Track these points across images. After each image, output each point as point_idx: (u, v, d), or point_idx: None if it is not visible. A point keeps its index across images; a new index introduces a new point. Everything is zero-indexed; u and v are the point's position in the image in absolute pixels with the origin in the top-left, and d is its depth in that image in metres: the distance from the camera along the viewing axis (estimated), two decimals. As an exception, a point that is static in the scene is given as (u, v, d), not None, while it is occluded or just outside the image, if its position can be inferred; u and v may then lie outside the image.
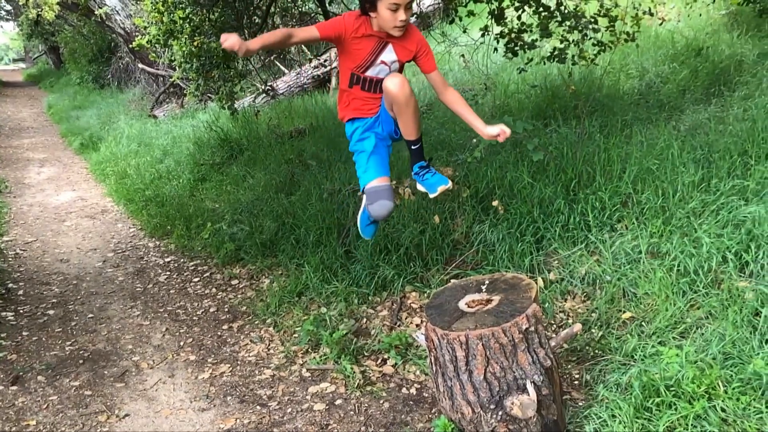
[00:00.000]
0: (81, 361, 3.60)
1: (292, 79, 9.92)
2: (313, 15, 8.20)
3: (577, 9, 4.60)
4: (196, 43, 5.38)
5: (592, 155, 3.95)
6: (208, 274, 4.89)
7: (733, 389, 2.26)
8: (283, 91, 9.61)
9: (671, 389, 2.32)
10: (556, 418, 2.37)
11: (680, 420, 2.22)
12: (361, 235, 2.92)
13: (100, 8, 11.16)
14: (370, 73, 2.52)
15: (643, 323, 2.91)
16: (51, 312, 4.33)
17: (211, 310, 4.25)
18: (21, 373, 3.44)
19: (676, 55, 5.57)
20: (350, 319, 3.66)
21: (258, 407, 3.05)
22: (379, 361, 3.31)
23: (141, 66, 12.48)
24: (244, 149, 7.14)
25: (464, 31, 5.68)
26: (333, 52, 9.42)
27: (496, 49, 5.11)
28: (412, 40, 2.51)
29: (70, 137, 11.32)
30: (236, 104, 6.69)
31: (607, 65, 5.26)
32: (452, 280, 3.03)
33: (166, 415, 3.04)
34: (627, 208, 3.53)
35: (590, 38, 4.66)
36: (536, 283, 2.91)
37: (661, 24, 5.99)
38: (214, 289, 4.58)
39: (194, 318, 4.15)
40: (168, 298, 4.52)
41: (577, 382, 2.79)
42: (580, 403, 2.62)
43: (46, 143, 11.45)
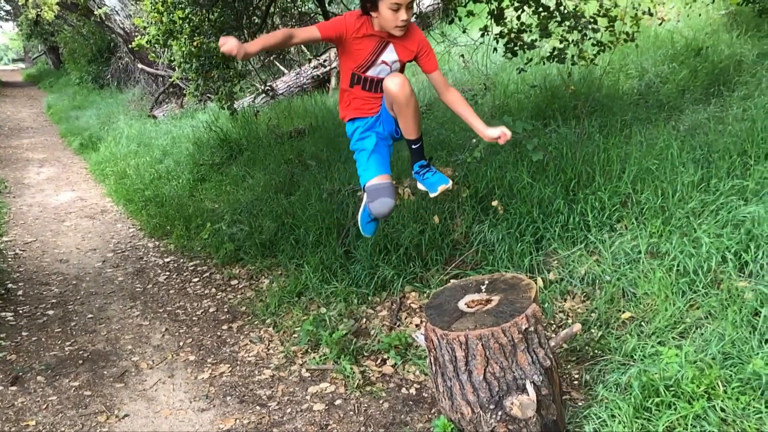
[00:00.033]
0: (80, 362, 3.60)
1: (291, 79, 9.92)
2: (312, 15, 8.20)
3: (577, 9, 4.60)
4: (195, 44, 5.39)
5: (592, 155, 3.95)
6: (207, 274, 4.89)
7: (733, 389, 2.26)
8: (283, 92, 9.61)
9: (671, 389, 2.32)
10: (556, 418, 2.37)
11: (680, 420, 2.22)
12: (362, 232, 2.92)
13: (100, 8, 11.17)
14: (371, 73, 2.51)
15: (642, 323, 2.91)
16: (50, 312, 4.33)
17: (211, 310, 4.25)
18: (20, 374, 3.44)
19: (675, 55, 5.57)
20: (350, 320, 3.66)
21: (257, 407, 3.05)
22: (379, 361, 3.31)
23: (140, 66, 12.48)
24: (243, 149, 7.14)
25: (464, 31, 5.68)
26: (333, 52, 9.42)
27: (495, 49, 5.12)
28: (413, 40, 2.50)
29: (70, 137, 11.32)
30: (236, 104, 6.70)
31: (606, 65, 5.27)
32: (452, 280, 3.03)
33: (165, 416, 3.04)
34: (626, 208, 3.53)
35: (590, 38, 4.67)
36: (536, 283, 2.91)
37: (660, 24, 5.99)
38: (213, 290, 4.58)
39: (194, 318, 4.15)
40: (167, 299, 4.52)
41: (576, 382, 2.79)
42: (580, 403, 2.62)
43: (45, 143, 11.44)
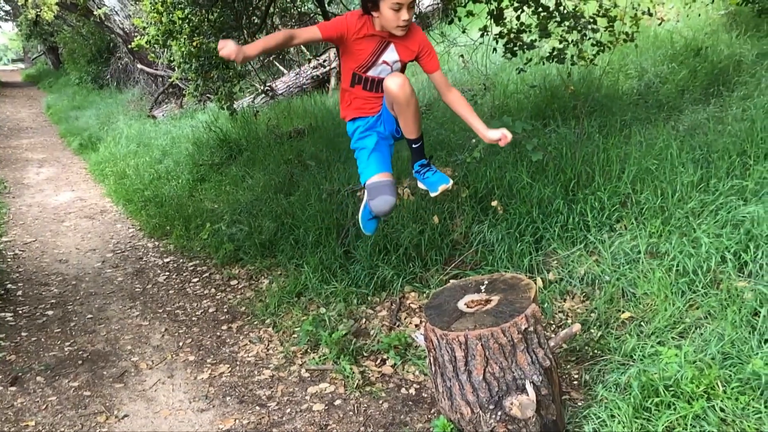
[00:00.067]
0: (80, 362, 3.59)
1: (291, 79, 9.92)
2: (312, 15, 8.20)
3: (576, 9, 4.60)
4: (195, 44, 5.38)
5: (591, 155, 3.95)
6: (207, 274, 4.89)
7: (732, 389, 2.26)
8: (282, 92, 9.62)
9: (670, 389, 2.33)
10: (555, 418, 2.37)
11: (679, 420, 2.22)
12: (362, 230, 2.91)
13: (99, 8, 11.16)
14: (372, 73, 2.51)
15: (642, 323, 2.91)
16: (50, 312, 4.32)
17: (210, 310, 4.25)
18: (20, 374, 3.44)
19: (675, 56, 5.57)
20: (349, 320, 3.66)
21: (257, 407, 3.05)
22: (379, 361, 3.31)
23: (140, 66, 12.48)
24: (243, 149, 7.14)
25: (463, 32, 5.68)
26: (332, 52, 9.42)
27: (495, 50, 5.12)
28: (414, 40, 2.49)
29: (69, 137, 11.32)
30: (235, 105, 6.69)
31: (606, 65, 5.27)
32: (451, 281, 3.03)
33: (165, 416, 3.04)
34: (626, 208, 3.53)
35: (589, 38, 4.67)
36: (535, 283, 2.91)
37: (660, 24, 6.00)
38: (213, 290, 4.58)
39: (193, 318, 4.15)
40: (167, 299, 4.52)
41: (576, 382, 2.79)
42: (579, 403, 2.62)
43: (45, 143, 11.44)
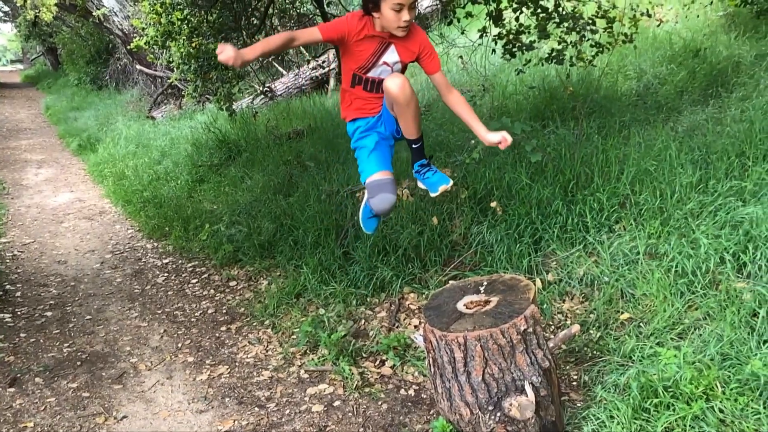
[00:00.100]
0: (79, 363, 3.59)
1: (290, 80, 9.92)
2: (311, 16, 8.21)
3: (575, 10, 4.60)
4: (194, 45, 5.39)
5: (590, 156, 3.95)
6: (206, 275, 4.89)
7: (731, 390, 2.26)
8: (282, 93, 9.62)
9: (669, 390, 2.33)
10: (555, 419, 2.37)
11: (678, 421, 2.22)
12: (363, 229, 2.90)
13: (98, 9, 11.16)
14: (372, 74, 2.51)
15: (641, 324, 2.91)
16: (49, 313, 4.32)
17: (209, 311, 4.24)
18: (18, 375, 3.43)
19: (673, 57, 5.58)
20: (348, 321, 3.66)
21: (256, 409, 3.05)
22: (378, 362, 3.30)
23: (139, 67, 12.47)
24: (242, 150, 7.14)
25: (462, 33, 5.69)
26: (331, 53, 9.43)
27: (494, 51, 5.12)
28: (414, 41, 2.49)
29: (68, 138, 11.31)
30: (234, 105, 6.70)
31: (605, 66, 5.27)
32: (450, 282, 3.03)
33: (164, 417, 3.04)
34: (625, 209, 3.54)
35: (588, 39, 4.67)
36: (534, 284, 2.92)
37: (658, 25, 6.00)
38: (212, 291, 4.57)
39: (192, 319, 4.15)
40: (166, 300, 4.51)
41: (575, 383, 2.79)
42: (579, 404, 2.62)
43: (43, 144, 11.43)
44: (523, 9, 4.65)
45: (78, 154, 10.23)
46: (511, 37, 4.78)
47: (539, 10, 4.58)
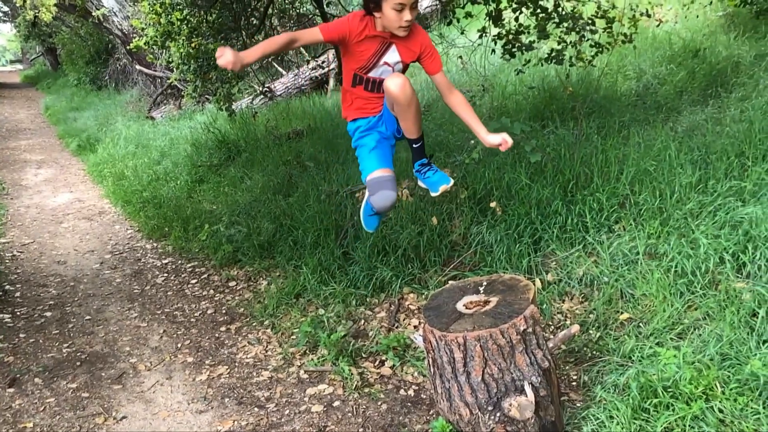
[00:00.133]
0: (78, 363, 3.59)
1: (289, 80, 9.92)
2: (310, 17, 8.20)
3: (575, 10, 4.60)
4: (193, 45, 5.39)
5: (590, 156, 3.95)
6: (205, 275, 4.89)
7: (731, 390, 2.26)
8: (281, 93, 9.62)
9: (669, 390, 2.33)
10: (554, 419, 2.37)
11: (678, 421, 2.22)
12: (364, 227, 2.90)
13: (98, 10, 11.15)
14: (373, 74, 2.50)
15: (640, 324, 2.91)
16: (48, 314, 4.32)
17: (209, 311, 4.24)
18: (18, 375, 3.43)
19: (673, 57, 5.58)
20: (348, 321, 3.66)
21: (256, 409, 3.05)
22: (377, 362, 3.30)
23: (138, 67, 12.47)
24: (241, 151, 7.14)
25: (462, 33, 5.69)
26: (331, 54, 9.43)
27: (493, 51, 5.12)
28: (416, 41, 2.48)
29: (68, 139, 11.31)
30: (234, 106, 6.70)
31: (604, 67, 5.27)
32: (450, 282, 3.03)
33: (163, 417, 3.04)
34: (624, 210, 3.54)
35: (588, 40, 4.67)
36: (534, 284, 2.92)
37: (658, 25, 6.01)
38: (211, 291, 4.57)
39: (192, 320, 4.15)
40: (165, 300, 4.51)
41: (575, 383, 2.79)
42: (578, 404, 2.62)
43: (43, 145, 11.43)
44: (523, 9, 4.65)
45: (77, 155, 10.23)
46: (510, 37, 4.78)
47: (539, 10, 4.58)
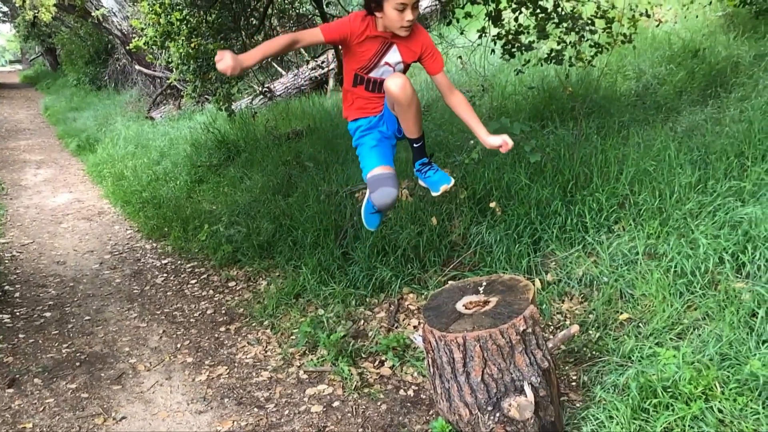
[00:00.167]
0: (77, 364, 3.59)
1: (289, 80, 9.92)
2: (310, 16, 8.20)
3: (574, 11, 4.60)
4: (193, 45, 5.38)
5: (589, 157, 3.95)
6: (205, 276, 4.88)
7: (730, 390, 2.26)
8: (281, 93, 9.62)
9: (668, 390, 2.33)
10: (554, 419, 2.37)
11: (677, 421, 2.22)
12: (365, 225, 2.88)
13: (97, 10, 11.15)
14: (374, 74, 2.50)
15: (640, 324, 2.91)
16: (47, 314, 4.32)
17: (208, 312, 4.24)
18: (17, 376, 3.43)
19: (672, 57, 5.58)
20: (348, 321, 3.65)
21: (255, 409, 3.04)
22: (377, 362, 3.30)
23: (138, 68, 12.46)
24: (241, 151, 7.14)
25: (461, 33, 5.69)
26: (330, 54, 9.42)
27: (493, 51, 5.12)
28: (417, 41, 2.47)
29: (67, 139, 11.31)
30: (233, 106, 6.70)
31: (604, 67, 5.27)
32: (450, 282, 3.03)
33: (163, 418, 3.04)
34: (624, 210, 3.54)
35: (587, 40, 4.67)
36: (533, 284, 2.91)
37: (657, 26, 6.01)
38: (211, 291, 4.57)
39: (191, 320, 4.15)
40: (165, 300, 4.51)
41: (574, 383, 2.79)
42: (578, 405, 2.62)
43: (42, 145, 11.43)
44: (522, 9, 4.65)
45: (77, 155, 10.23)
46: (510, 37, 4.78)
47: (538, 11, 4.58)
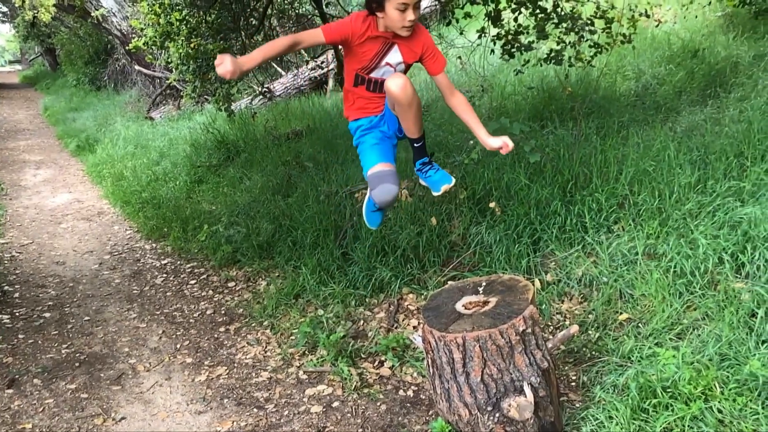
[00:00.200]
0: (77, 364, 3.58)
1: (289, 80, 9.92)
2: (310, 17, 8.21)
3: (574, 11, 4.60)
4: (192, 45, 5.38)
5: (589, 157, 3.95)
6: (204, 276, 4.88)
7: (730, 390, 2.26)
8: (280, 93, 9.62)
9: (668, 390, 2.33)
10: (553, 419, 2.37)
11: (677, 421, 2.22)
12: (367, 224, 2.87)
13: (97, 10, 11.13)
14: (375, 74, 2.49)
15: (639, 324, 2.91)
16: (47, 315, 4.31)
17: (208, 312, 4.24)
18: (17, 376, 3.43)
19: (672, 57, 5.58)
20: (347, 321, 3.65)
21: (255, 410, 3.04)
22: (376, 363, 3.30)
23: (137, 68, 12.45)
24: (240, 151, 7.14)
25: (461, 33, 5.69)
26: (330, 54, 9.42)
27: (492, 51, 5.12)
28: (418, 42, 2.47)
29: (67, 139, 11.30)
30: (233, 106, 6.69)
31: (603, 67, 5.27)
32: (449, 282, 3.03)
33: (162, 418, 3.04)
34: (623, 210, 3.54)
35: (587, 40, 4.67)
36: (533, 284, 2.92)
37: (657, 26, 6.01)
38: (210, 292, 4.57)
39: (191, 320, 4.15)
40: (164, 301, 4.51)
41: (574, 383, 2.79)
42: (577, 405, 2.62)
43: (42, 145, 11.42)
44: (522, 9, 4.66)
45: (76, 155, 10.22)
46: (509, 37, 4.78)
47: (538, 11, 4.58)
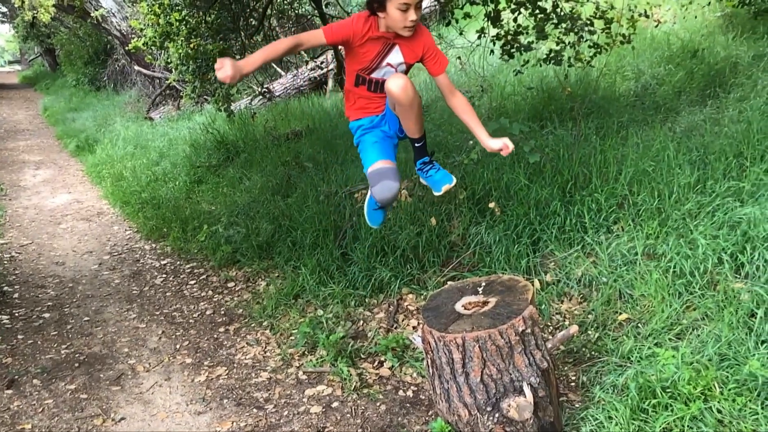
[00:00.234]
0: (77, 365, 3.58)
1: (288, 81, 9.92)
2: (309, 17, 8.21)
3: (573, 11, 4.61)
4: (192, 46, 5.38)
5: (588, 157, 3.96)
6: (204, 276, 4.88)
7: (729, 390, 2.26)
8: (280, 93, 9.62)
9: (667, 391, 2.33)
10: (553, 419, 2.37)
11: (676, 421, 2.22)
12: (369, 223, 2.86)
13: (96, 10, 11.14)
14: (376, 75, 2.49)
15: (639, 325, 2.91)
16: (46, 315, 4.31)
17: (208, 312, 4.24)
18: (16, 377, 3.43)
19: (671, 57, 5.59)
20: (347, 322, 3.65)
21: (254, 410, 3.04)
22: (376, 363, 3.30)
23: (137, 68, 12.46)
24: (240, 151, 7.14)
25: (460, 33, 5.69)
26: (330, 54, 9.42)
27: (492, 51, 5.12)
28: (419, 42, 2.47)
29: (66, 139, 11.30)
30: (232, 106, 6.69)
31: (603, 67, 5.28)
32: (449, 282, 3.03)
33: (162, 419, 3.03)
34: (623, 210, 3.54)
35: (586, 40, 4.68)
36: (533, 284, 2.92)
37: (656, 26, 6.02)
38: (210, 292, 4.57)
39: (190, 321, 4.14)
40: (164, 301, 4.51)
41: (573, 383, 2.79)
42: (577, 405, 2.62)
43: (41, 145, 11.42)
44: (521, 10, 4.66)
45: (76, 155, 10.22)
46: (509, 37, 4.78)
47: (537, 11, 4.58)
